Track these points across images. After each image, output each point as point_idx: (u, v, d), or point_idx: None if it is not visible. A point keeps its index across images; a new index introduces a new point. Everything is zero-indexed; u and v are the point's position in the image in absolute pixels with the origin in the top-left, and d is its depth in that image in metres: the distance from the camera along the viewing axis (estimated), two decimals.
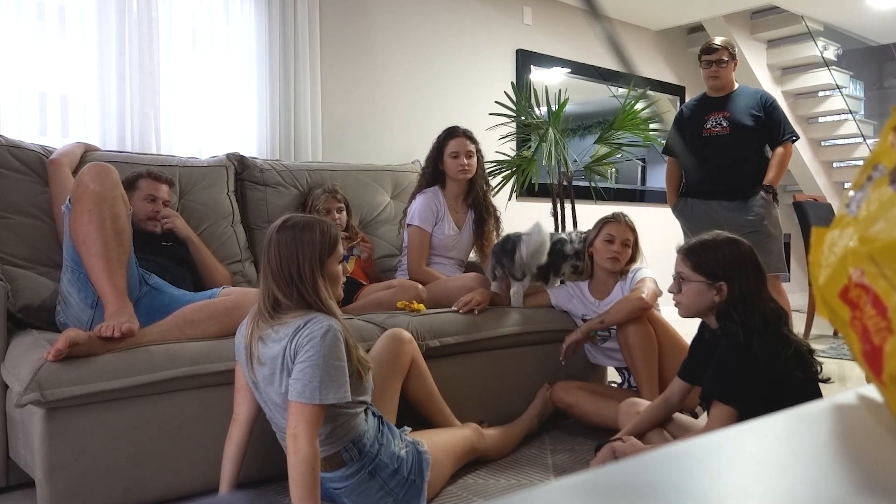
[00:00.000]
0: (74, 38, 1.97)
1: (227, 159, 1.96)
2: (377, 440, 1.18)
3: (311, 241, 1.13)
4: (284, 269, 1.12)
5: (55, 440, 1.15)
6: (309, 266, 1.12)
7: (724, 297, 1.20)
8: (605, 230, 1.72)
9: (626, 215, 1.75)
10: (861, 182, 0.33)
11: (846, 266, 0.31)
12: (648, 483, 0.24)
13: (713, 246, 1.23)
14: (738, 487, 0.25)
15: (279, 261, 1.12)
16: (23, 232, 1.51)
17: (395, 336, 1.39)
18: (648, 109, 2.69)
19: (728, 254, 1.22)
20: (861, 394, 0.34)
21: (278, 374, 1.11)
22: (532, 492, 0.23)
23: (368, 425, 1.19)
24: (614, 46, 0.62)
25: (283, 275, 1.12)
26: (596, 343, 1.75)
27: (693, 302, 1.24)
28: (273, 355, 1.11)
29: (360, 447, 1.16)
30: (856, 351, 0.31)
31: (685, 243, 1.29)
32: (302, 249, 1.12)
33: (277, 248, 1.13)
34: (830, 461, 0.27)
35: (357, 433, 1.16)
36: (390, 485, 1.18)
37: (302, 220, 1.17)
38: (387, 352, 1.36)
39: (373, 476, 1.17)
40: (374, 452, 1.17)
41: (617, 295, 1.71)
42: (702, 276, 1.22)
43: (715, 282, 1.21)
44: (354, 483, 1.17)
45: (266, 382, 1.14)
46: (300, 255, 1.12)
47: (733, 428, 0.30)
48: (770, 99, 2.31)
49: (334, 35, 2.51)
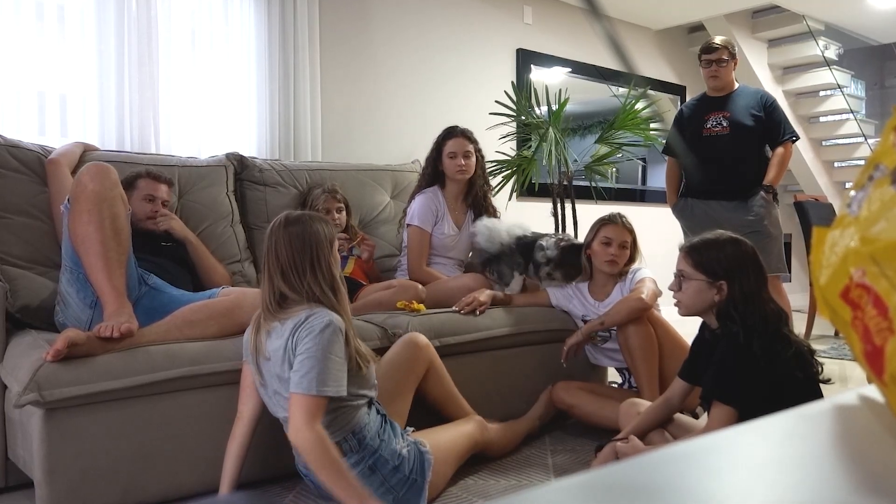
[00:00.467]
0: (73, 37, 1.97)
1: (227, 159, 1.95)
2: (378, 435, 1.19)
3: (318, 231, 1.17)
4: (298, 261, 1.15)
5: (54, 441, 1.15)
6: (325, 255, 1.16)
7: (725, 297, 1.20)
8: (602, 232, 1.71)
9: (624, 216, 1.74)
10: (862, 182, 0.33)
11: (847, 266, 0.31)
12: (649, 484, 0.24)
13: (715, 245, 1.23)
14: (738, 488, 0.25)
15: (290, 255, 1.15)
16: (22, 232, 1.51)
17: (411, 341, 1.40)
18: (649, 109, 2.68)
19: (730, 253, 1.22)
20: (862, 394, 0.34)
21: (280, 366, 1.12)
22: (532, 492, 0.23)
23: (370, 419, 1.19)
24: (615, 46, 0.62)
25: (296, 268, 1.14)
26: (596, 344, 1.74)
27: (693, 300, 1.24)
28: (276, 348, 1.13)
29: (359, 438, 1.17)
30: (857, 351, 0.31)
31: (687, 241, 1.28)
32: (313, 240, 1.16)
33: (288, 243, 1.16)
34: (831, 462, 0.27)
35: (357, 424, 1.17)
36: (391, 482, 1.18)
37: (302, 214, 1.21)
38: (402, 356, 1.38)
39: (373, 471, 1.17)
40: (374, 446, 1.17)
41: (616, 296, 1.70)
42: (703, 274, 1.22)
43: (715, 281, 1.21)
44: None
45: (272, 376, 1.15)
46: (313, 246, 1.15)
47: (734, 428, 0.30)
48: (770, 99, 2.30)
49: (334, 34, 2.51)
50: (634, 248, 1.73)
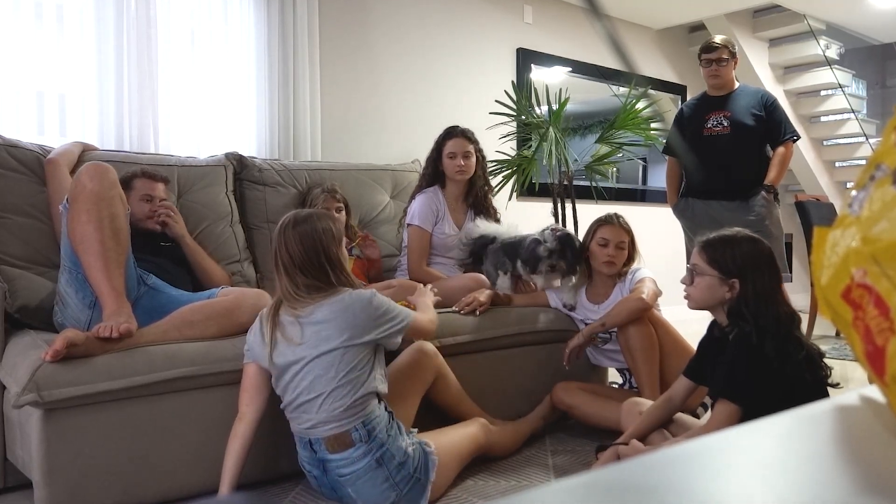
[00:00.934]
0: (72, 36, 1.96)
1: (226, 159, 1.95)
2: (387, 430, 1.20)
3: (328, 228, 1.24)
4: (312, 257, 1.21)
5: (53, 441, 1.14)
6: (334, 250, 1.23)
7: (736, 295, 1.19)
8: (599, 233, 1.70)
9: (621, 216, 1.73)
10: (863, 182, 0.32)
11: (848, 266, 0.31)
12: (649, 485, 0.24)
13: (731, 242, 1.22)
14: (739, 489, 0.25)
15: (303, 251, 1.21)
16: (20, 232, 1.51)
17: (420, 349, 1.42)
18: (649, 109, 2.67)
19: (745, 252, 1.21)
20: (863, 395, 0.34)
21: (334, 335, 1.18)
22: (532, 493, 0.23)
23: (380, 413, 1.21)
24: (615, 45, 0.61)
25: (312, 263, 1.21)
26: (597, 345, 1.74)
27: (703, 295, 1.23)
28: (323, 319, 1.19)
29: (369, 429, 1.18)
30: (858, 352, 0.31)
31: (705, 237, 1.27)
32: (323, 237, 1.22)
33: (299, 242, 1.21)
34: (833, 463, 0.27)
35: (370, 416, 1.19)
36: (395, 478, 1.19)
37: (310, 212, 1.30)
38: (410, 363, 1.40)
39: (379, 465, 1.18)
40: (382, 439, 1.19)
41: (616, 296, 1.70)
42: (716, 270, 1.21)
43: (728, 278, 1.20)
44: (361, 469, 1.18)
45: (307, 356, 1.18)
46: (324, 242, 1.22)
47: (735, 429, 0.30)
48: (771, 98, 2.29)
49: (334, 33, 2.50)
50: (633, 248, 1.72)
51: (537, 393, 1.71)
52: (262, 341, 1.21)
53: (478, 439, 1.39)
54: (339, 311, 1.19)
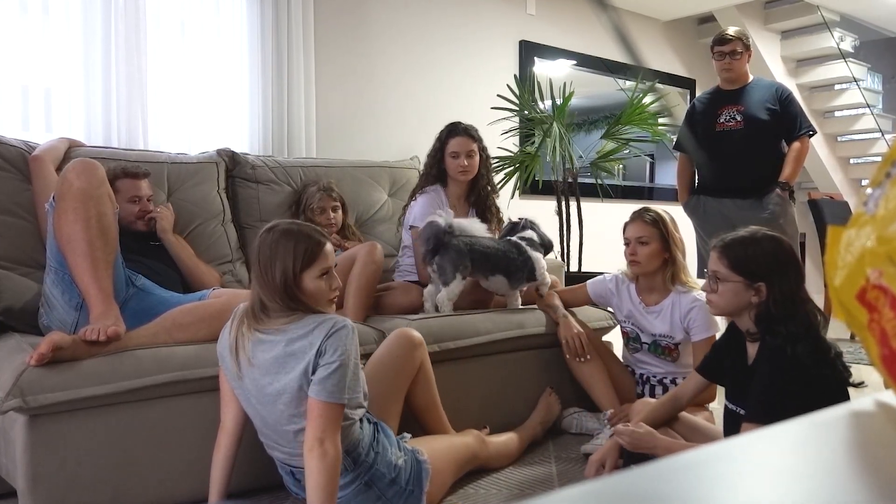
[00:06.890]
0: (58, 28, 1.92)
1: (218, 155, 1.93)
2: (372, 448, 1.15)
3: (286, 250, 1.10)
4: (265, 272, 1.11)
5: (38, 448, 1.12)
6: (281, 274, 1.09)
7: (763, 298, 1.13)
8: (624, 234, 1.64)
9: (650, 210, 1.63)
10: (879, 179, 0.32)
11: (863, 267, 0.30)
12: (657, 493, 0.23)
13: (752, 243, 1.16)
14: (750, 497, 0.24)
15: (259, 264, 1.12)
16: (4, 231, 1.50)
17: (405, 336, 1.33)
18: (657, 103, 2.63)
19: (769, 252, 1.14)
20: (879, 400, 0.33)
21: (284, 376, 1.07)
22: (535, 502, 0.22)
23: (363, 433, 1.15)
24: (622, 37, 0.55)
25: (266, 279, 1.11)
26: (631, 353, 1.71)
27: (729, 302, 1.17)
28: (276, 356, 1.08)
29: (354, 457, 1.13)
30: (873, 355, 0.31)
31: (721, 239, 1.20)
32: (276, 256, 1.10)
33: (258, 251, 1.12)
34: (847, 470, 0.26)
35: (352, 442, 1.13)
36: (387, 495, 1.15)
37: (287, 226, 1.13)
38: (396, 353, 1.31)
39: (369, 486, 1.15)
40: (369, 462, 1.14)
41: (667, 309, 1.59)
42: (740, 276, 1.15)
43: (754, 282, 1.14)
44: (351, 493, 1.14)
45: (259, 386, 1.10)
46: (274, 262, 1.10)
47: (746, 436, 0.29)
48: (786, 92, 2.24)
49: (329, 25, 2.45)
50: (667, 244, 1.58)
51: (538, 397, 1.70)
52: (230, 347, 1.13)
53: (473, 449, 1.35)
54: (282, 354, 1.06)
